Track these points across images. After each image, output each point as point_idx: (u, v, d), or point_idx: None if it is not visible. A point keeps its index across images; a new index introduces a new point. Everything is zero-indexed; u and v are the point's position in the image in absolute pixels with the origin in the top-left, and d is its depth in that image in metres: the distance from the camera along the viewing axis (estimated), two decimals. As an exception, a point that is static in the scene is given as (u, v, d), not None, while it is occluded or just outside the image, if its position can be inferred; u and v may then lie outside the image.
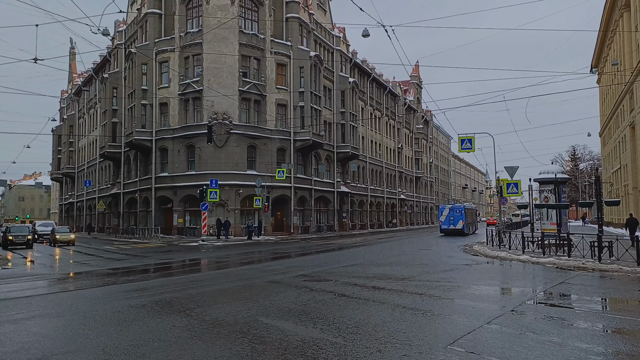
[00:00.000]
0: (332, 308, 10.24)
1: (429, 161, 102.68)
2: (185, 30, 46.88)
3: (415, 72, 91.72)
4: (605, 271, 16.41)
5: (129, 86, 51.17)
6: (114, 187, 58.39)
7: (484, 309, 10.17)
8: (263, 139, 47.14)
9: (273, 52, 48.52)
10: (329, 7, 59.89)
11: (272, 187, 46.41)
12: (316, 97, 51.45)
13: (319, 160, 54.87)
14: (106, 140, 56.66)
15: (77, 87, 76.69)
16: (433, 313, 9.69)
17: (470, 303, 10.78)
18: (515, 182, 28.82)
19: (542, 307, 10.59)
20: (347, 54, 63.52)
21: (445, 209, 50.13)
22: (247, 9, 47.57)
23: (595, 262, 17.55)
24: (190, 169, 46.32)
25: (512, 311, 9.84)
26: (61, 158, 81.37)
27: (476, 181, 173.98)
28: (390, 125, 79.87)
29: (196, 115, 46.22)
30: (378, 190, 73.17)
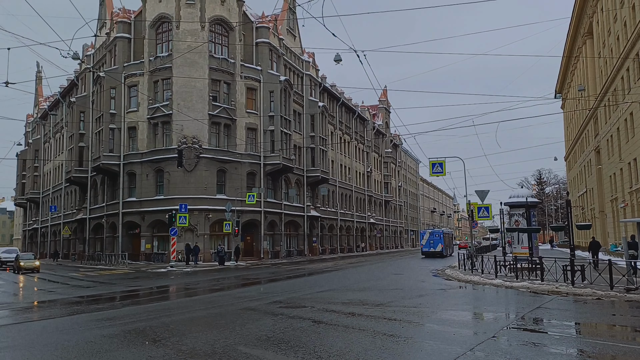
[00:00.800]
0: (311, 336, 10.05)
1: (398, 185, 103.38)
2: (154, 54, 46.60)
3: (383, 97, 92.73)
4: (580, 295, 16.55)
5: (96, 110, 50.48)
6: (79, 212, 57.18)
7: (466, 335, 10.11)
8: (233, 163, 46.85)
9: (243, 76, 48.54)
10: (298, 32, 60.33)
11: (242, 212, 46.02)
12: (286, 121, 51.50)
13: (289, 184, 54.72)
14: (72, 164, 55.59)
15: (43, 111, 75.37)
16: (415, 340, 9.58)
17: (450, 329, 10.71)
18: (486, 206, 29.07)
19: (522, 333, 10.57)
20: (317, 78, 63.93)
21: (426, 233, 55.58)
22: (217, 34, 47.58)
23: (568, 286, 17.69)
24: (159, 193, 45.67)
25: (494, 337, 9.79)
26: (25, 183, 79.50)
27: (444, 205, 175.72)
28: (359, 150, 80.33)
29: (165, 139, 45.75)
30: (348, 214, 73.23)
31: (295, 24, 59.54)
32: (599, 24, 40.85)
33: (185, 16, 45.72)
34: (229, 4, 47.86)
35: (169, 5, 46.11)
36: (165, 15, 46.32)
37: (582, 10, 46.94)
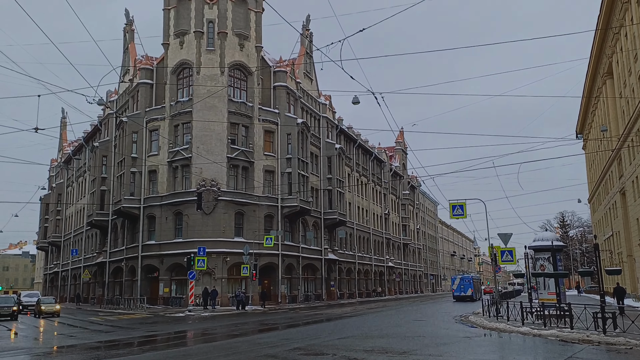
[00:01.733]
0: (334, 387, 9.80)
1: (416, 227, 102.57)
2: (175, 99, 47.45)
3: (400, 139, 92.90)
4: (612, 344, 15.96)
5: (118, 154, 51.23)
6: (100, 255, 57.41)
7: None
8: (251, 206, 46.95)
9: (261, 119, 49.09)
10: (315, 75, 61.13)
11: (259, 255, 45.83)
12: (303, 163, 51.73)
13: (307, 226, 54.56)
14: (94, 208, 56.17)
15: (67, 156, 76.64)
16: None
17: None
18: (510, 250, 28.54)
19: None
20: (334, 120, 64.43)
21: (457, 278, 59.76)
22: (236, 78, 48.39)
23: (600, 335, 17.08)
24: (178, 236, 45.79)
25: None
26: (48, 227, 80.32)
27: (464, 248, 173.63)
28: (376, 192, 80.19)
29: (185, 182, 46.16)
30: (366, 257, 72.60)
31: (312, 67, 60.41)
32: (619, 64, 40.79)
33: (206, 62, 46.68)
34: (248, 50, 48.80)
35: (190, 52, 47.14)
36: (186, 61, 47.34)
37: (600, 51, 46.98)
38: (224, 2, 47.75)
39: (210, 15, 47.68)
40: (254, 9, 49.90)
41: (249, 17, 49.51)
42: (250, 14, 49.64)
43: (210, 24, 47.68)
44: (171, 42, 48.50)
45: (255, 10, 49.99)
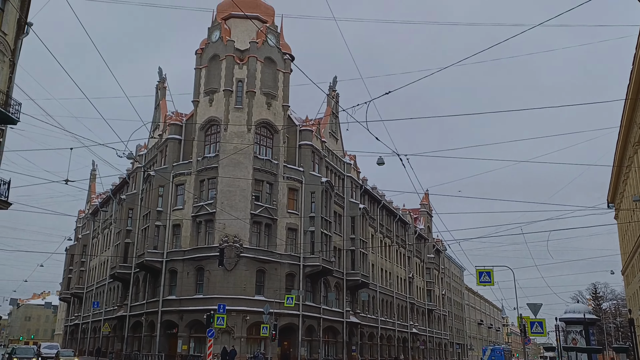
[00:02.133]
0: None
1: (442, 293, 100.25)
2: (202, 155, 48.36)
3: (425, 201, 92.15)
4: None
5: (144, 207, 51.94)
6: (120, 309, 57.34)
7: None
8: (272, 264, 46.78)
9: (285, 177, 49.56)
10: (340, 135, 61.81)
11: (279, 315, 45.17)
12: (326, 222, 51.69)
13: (328, 287, 53.89)
14: (117, 260, 56.58)
15: (94, 208, 77.93)
16: None
17: None
18: (540, 321, 27.57)
19: None
20: (358, 180, 64.60)
21: (488, 349, 62.74)
22: (262, 136, 49.31)
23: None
24: (199, 292, 45.66)
25: None
26: (71, 278, 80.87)
27: (492, 317, 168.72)
28: (400, 254, 79.20)
29: (208, 237, 46.42)
30: (389, 322, 70.96)
31: (338, 127, 61.20)
32: (650, 134, 40.30)
33: (233, 119, 47.78)
34: (275, 109, 49.91)
35: (219, 109, 48.38)
36: (214, 118, 48.53)
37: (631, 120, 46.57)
38: (253, 62, 49.27)
39: (240, 74, 49.14)
40: (282, 70, 51.35)
41: (277, 77, 50.89)
42: (278, 74, 51.05)
43: (239, 83, 49.06)
44: (201, 99, 49.90)
45: (283, 71, 51.42)
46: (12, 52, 26.60)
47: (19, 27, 27.27)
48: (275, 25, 52.31)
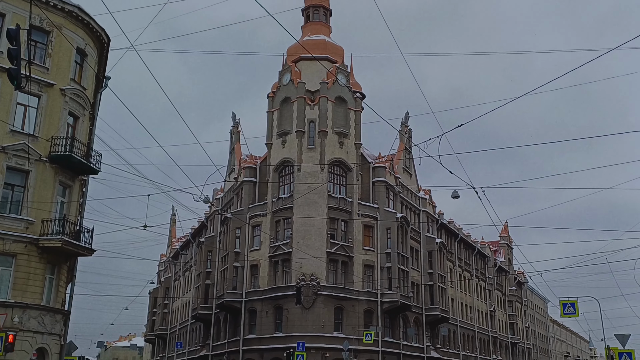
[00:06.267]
0: None
1: (525, 326, 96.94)
2: (277, 195, 49.47)
3: (504, 233, 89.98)
4: None
5: (222, 249, 53.45)
6: (202, 349, 58.64)
7: None
8: (350, 301, 46.88)
9: (360, 214, 49.85)
10: (414, 170, 61.74)
11: (359, 351, 45.07)
12: (403, 257, 51.44)
13: (407, 323, 53.32)
14: (198, 302, 58.13)
15: (175, 251, 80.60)
16: None
17: None
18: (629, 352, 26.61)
19: None
20: (434, 214, 64.05)
21: None
22: (335, 175, 49.95)
23: None
24: (278, 330, 46.27)
25: None
26: (155, 319, 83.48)
27: (579, 349, 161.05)
28: (480, 287, 77.38)
29: (285, 276, 47.14)
30: (471, 356, 69.15)
31: (411, 162, 61.16)
32: None
33: (307, 160, 48.74)
34: (347, 147, 50.57)
35: (292, 151, 49.52)
36: (288, 159, 49.67)
37: None
38: (324, 103, 50.24)
39: (311, 115, 50.20)
40: (354, 109, 52.01)
41: (348, 116, 51.62)
42: (349, 113, 51.75)
43: (311, 123, 50.10)
44: (274, 141, 51.27)
45: (354, 110, 52.08)
46: (91, 106, 28.41)
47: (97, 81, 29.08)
48: (344, 65, 53.09)
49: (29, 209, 23.75)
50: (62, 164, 25.18)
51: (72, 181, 26.26)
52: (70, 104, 26.19)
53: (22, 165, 23.93)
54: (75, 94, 26.44)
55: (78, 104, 26.72)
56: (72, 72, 26.60)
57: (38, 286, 23.84)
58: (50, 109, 25.26)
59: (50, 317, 24.47)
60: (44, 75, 25.09)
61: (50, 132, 24.95)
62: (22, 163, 23.89)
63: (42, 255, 24.02)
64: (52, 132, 24.97)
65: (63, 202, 25.81)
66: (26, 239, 23.53)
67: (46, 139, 24.64)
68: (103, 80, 28.75)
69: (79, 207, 27.26)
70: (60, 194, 25.73)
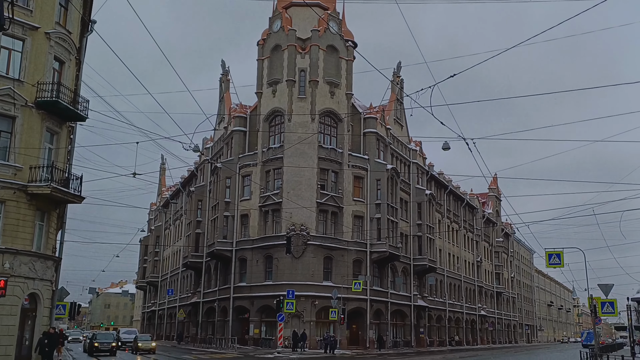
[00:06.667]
0: None
1: (511, 276, 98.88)
2: (267, 145, 49.24)
3: (493, 185, 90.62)
4: None
5: (213, 198, 53.54)
6: (194, 296, 59.50)
7: None
8: (339, 251, 47.38)
9: (350, 165, 49.86)
10: (405, 121, 61.51)
11: (347, 299, 45.85)
12: (392, 209, 51.79)
13: (396, 272, 54.16)
14: (189, 250, 58.61)
15: (165, 200, 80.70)
16: None
17: None
18: (611, 302, 27.21)
19: None
20: (424, 166, 64.22)
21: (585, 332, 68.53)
22: (326, 125, 49.64)
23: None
24: (268, 279, 46.87)
25: None
26: (146, 267, 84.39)
27: (562, 298, 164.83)
28: (468, 238, 78.43)
29: (275, 226, 47.41)
30: (457, 305, 70.70)
31: (402, 113, 60.87)
32: None
33: (297, 109, 48.33)
34: (338, 97, 50.11)
35: (282, 100, 49.02)
36: (278, 109, 49.22)
37: None
38: (315, 51, 49.47)
39: (302, 64, 49.47)
40: (345, 58, 51.27)
41: (339, 65, 50.94)
42: (341, 62, 51.05)
43: (302, 72, 49.42)
44: (264, 90, 50.67)
45: (346, 59, 51.35)
46: (77, 51, 27.70)
47: (82, 26, 28.25)
48: (336, 12, 51.94)
49: (17, 155, 23.45)
50: (48, 109, 24.74)
51: (59, 128, 25.88)
52: (56, 48, 25.53)
53: (8, 110, 23.49)
54: (61, 37, 25.76)
55: (63, 49, 26.06)
56: (56, 15, 25.82)
57: (28, 233, 23.81)
58: (35, 54, 24.65)
59: (41, 264, 24.53)
60: (28, 18, 24.35)
61: (36, 77, 24.42)
62: (8, 108, 23.46)
63: (31, 202, 23.89)
64: (37, 78, 24.42)
65: (51, 149, 25.47)
66: (15, 185, 23.33)
67: (32, 84, 24.11)
68: (89, 24, 27.92)
69: (67, 154, 26.89)
70: (47, 141, 25.39)
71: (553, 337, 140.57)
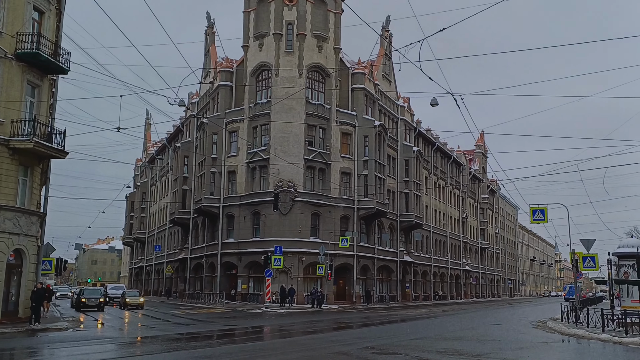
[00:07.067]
0: (405, 383, 9.89)
1: (495, 232, 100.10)
2: (254, 101, 48.53)
3: (480, 142, 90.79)
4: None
5: (199, 155, 52.98)
6: (181, 252, 59.58)
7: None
8: (327, 207, 47.36)
9: (338, 121, 49.37)
10: (394, 77, 60.87)
11: (334, 255, 46.08)
12: (380, 165, 51.67)
13: (382, 229, 54.44)
14: (176, 206, 58.37)
15: (151, 156, 79.95)
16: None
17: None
18: (592, 256, 27.55)
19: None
20: (412, 123, 63.90)
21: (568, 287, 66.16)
22: (314, 80, 48.91)
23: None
24: (255, 235, 46.86)
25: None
26: (133, 223, 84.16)
27: (545, 253, 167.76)
28: (454, 195, 78.85)
29: (262, 182, 47.14)
30: (442, 260, 71.55)
31: (391, 69, 60.13)
32: None
33: (284, 64, 47.46)
34: (326, 52, 49.24)
35: (269, 54, 48.08)
36: (265, 63, 48.30)
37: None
38: (303, 3, 48.30)
39: (290, 17, 48.38)
40: (333, 10, 50.15)
41: (327, 18, 49.89)
42: (329, 15, 49.98)
43: (289, 25, 48.37)
44: (250, 44, 49.62)
45: (334, 12, 50.25)
46: (57, 0, 26.76)
47: (63, -27, 27.19)
48: (324, -38, 50.59)
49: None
50: (29, 61, 23.98)
51: (40, 80, 25.14)
52: (35, -3, 24.62)
53: (-13, 62, 22.77)
54: (40, -14, 24.82)
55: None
56: (34, -38, 24.82)
57: (11, 188, 23.38)
58: (14, 3, 23.73)
59: (26, 219, 24.19)
60: (5, -34, 23.38)
61: (15, 27, 23.57)
62: (-13, 60, 22.73)
63: (14, 157, 23.37)
64: (16, 28, 23.58)
65: (32, 102, 24.82)
66: (-4, 139, 22.78)
67: (11, 35, 23.28)
68: (70, -28, 26.97)
69: (49, 108, 26.21)
70: (29, 94, 24.70)
71: (535, 292, 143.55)
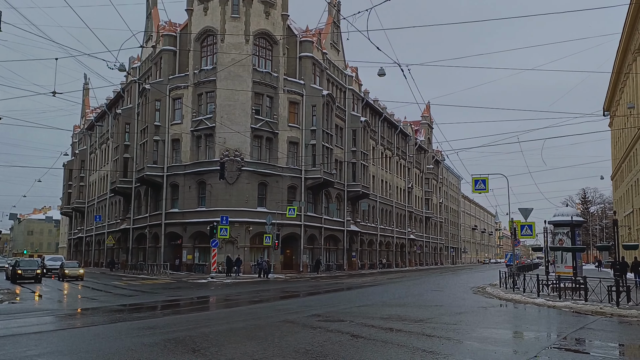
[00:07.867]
0: (349, 350, 9.97)
1: (439, 201, 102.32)
2: (199, 67, 47.44)
3: (426, 113, 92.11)
4: (625, 316, 16.00)
5: (141, 122, 51.57)
6: (123, 222, 58.33)
7: (506, 354, 9.90)
8: (274, 177, 47.13)
9: (286, 90, 48.90)
10: (342, 46, 60.55)
11: (282, 225, 46.13)
12: (328, 135, 51.64)
13: (330, 198, 54.71)
14: (117, 175, 56.92)
15: (89, 123, 77.44)
16: (454, 357, 9.40)
17: (491, 347, 10.49)
18: (530, 224, 28.52)
19: (565, 353, 10.28)
20: (359, 93, 63.99)
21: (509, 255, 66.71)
22: (261, 47, 48.11)
23: (613, 307, 17.12)
24: (201, 205, 46.28)
25: (535, 357, 9.54)
26: (71, 193, 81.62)
27: (486, 222, 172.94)
28: (400, 165, 79.90)
29: (208, 151, 46.42)
30: (388, 229, 72.75)
31: (339, 38, 59.75)
32: (650, 40, 39.71)
33: (230, 29, 46.45)
34: (274, 18, 48.41)
35: (214, 19, 46.90)
36: (210, 28, 47.14)
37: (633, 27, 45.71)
38: (249, -32, 47.10)
39: (236, -19, 47.10)
40: (281, -24, 49.12)
41: (274, -16, 48.88)
42: (276, -19, 48.96)
43: (235, -10, 47.11)
44: (195, 7, 48.23)
45: (281, -23, 49.21)
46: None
47: None
48: None
49: None
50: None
51: (-30, 42, 23.84)
52: (-38, -48, 23.11)
53: None
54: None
55: (-29, -46, 23.62)
56: None
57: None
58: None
59: (-44, 189, 23.09)
60: None
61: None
62: None
63: (-58, 123, 22.17)
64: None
65: (-38, 65, 23.52)
66: None
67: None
68: None
69: (-20, 71, 24.95)
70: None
71: (476, 259, 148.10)
